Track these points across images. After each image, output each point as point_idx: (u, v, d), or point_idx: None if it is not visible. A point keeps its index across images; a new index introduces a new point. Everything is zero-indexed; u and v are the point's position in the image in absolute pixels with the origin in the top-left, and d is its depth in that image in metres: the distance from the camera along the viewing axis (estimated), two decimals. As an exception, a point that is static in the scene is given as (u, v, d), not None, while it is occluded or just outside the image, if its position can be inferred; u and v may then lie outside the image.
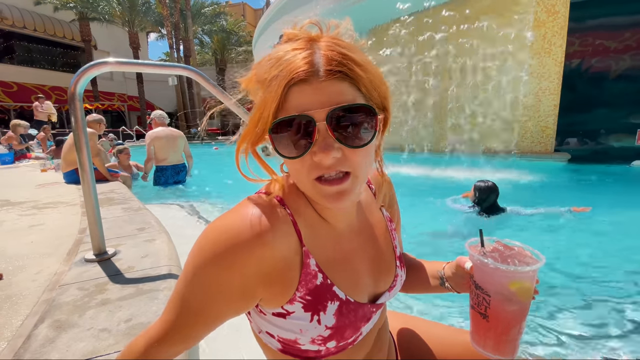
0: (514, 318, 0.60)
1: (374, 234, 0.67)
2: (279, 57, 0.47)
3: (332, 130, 0.46)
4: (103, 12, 22.21)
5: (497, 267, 0.58)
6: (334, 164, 0.47)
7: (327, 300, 0.54)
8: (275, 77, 0.46)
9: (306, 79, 0.45)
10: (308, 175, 0.49)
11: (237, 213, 0.51)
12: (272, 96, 0.46)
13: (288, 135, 0.47)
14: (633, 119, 6.84)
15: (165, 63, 2.09)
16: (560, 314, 1.74)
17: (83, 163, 1.66)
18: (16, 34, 23.14)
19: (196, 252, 0.50)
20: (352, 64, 0.46)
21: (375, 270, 0.64)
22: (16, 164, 7.40)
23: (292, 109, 0.46)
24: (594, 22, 6.91)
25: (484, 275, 0.61)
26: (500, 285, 0.59)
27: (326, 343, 0.55)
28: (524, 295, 0.59)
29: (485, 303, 0.62)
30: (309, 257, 0.53)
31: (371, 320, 0.61)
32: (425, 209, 3.81)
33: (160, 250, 1.81)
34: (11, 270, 1.64)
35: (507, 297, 0.59)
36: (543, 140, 6.58)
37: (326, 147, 0.46)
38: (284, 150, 0.48)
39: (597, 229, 2.98)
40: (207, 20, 28.67)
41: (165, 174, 5.11)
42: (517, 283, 0.58)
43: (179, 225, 3.05)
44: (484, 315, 0.62)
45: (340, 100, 0.45)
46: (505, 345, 0.61)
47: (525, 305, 0.60)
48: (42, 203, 3.21)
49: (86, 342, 1.03)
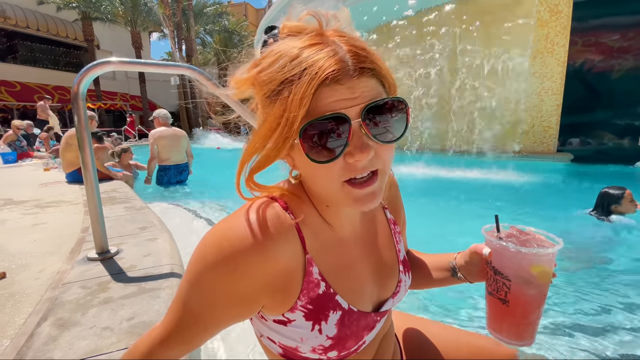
0: (534, 301, 0.60)
1: (377, 238, 0.65)
2: (295, 55, 0.44)
3: (367, 127, 0.44)
4: (106, 12, 22.28)
5: (519, 250, 0.58)
6: (367, 164, 0.46)
7: (329, 309, 0.52)
8: (295, 76, 0.43)
9: (339, 78, 0.42)
10: (339, 179, 0.46)
11: (239, 218, 0.49)
12: (300, 98, 0.42)
13: (319, 138, 0.44)
14: (636, 119, 6.80)
15: (168, 63, 2.10)
16: (569, 315, 1.74)
17: (86, 162, 1.66)
18: (19, 33, 23.23)
19: (197, 258, 0.49)
20: (375, 59, 0.46)
21: (379, 276, 0.63)
22: (19, 162, 7.44)
23: (321, 109, 0.43)
24: (597, 21, 6.87)
25: (503, 259, 0.61)
26: (521, 269, 0.59)
27: (327, 353, 0.54)
28: (544, 278, 0.59)
29: (505, 288, 0.61)
30: (312, 265, 0.52)
31: (375, 329, 0.60)
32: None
33: (162, 249, 1.81)
34: (14, 269, 1.65)
35: (528, 281, 0.59)
36: (545, 140, 6.56)
37: (363, 146, 0.44)
38: (315, 155, 0.45)
39: (601, 229, 2.95)
40: (209, 20, 28.72)
41: (168, 174, 5.11)
42: (538, 266, 0.58)
43: (181, 224, 3.05)
44: (503, 301, 0.62)
45: (372, 96, 0.44)
46: (525, 330, 0.61)
47: (544, 288, 0.60)
48: (45, 202, 3.22)
49: (89, 340, 1.04)
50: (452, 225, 3.21)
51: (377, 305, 0.62)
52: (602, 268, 2.30)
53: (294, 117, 0.43)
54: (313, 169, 0.48)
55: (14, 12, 21.95)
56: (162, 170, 5.10)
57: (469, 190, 4.44)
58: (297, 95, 0.42)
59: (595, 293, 1.95)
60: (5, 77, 21.35)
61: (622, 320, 1.69)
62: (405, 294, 0.68)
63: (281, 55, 0.45)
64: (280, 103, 0.44)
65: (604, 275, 2.18)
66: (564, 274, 2.16)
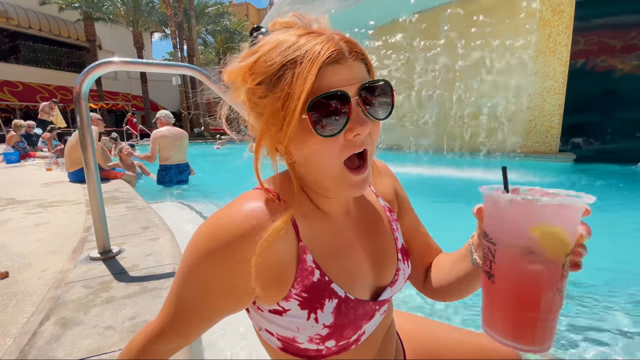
0: (533, 282, 0.40)
1: (373, 225, 0.65)
2: (294, 41, 0.47)
3: (363, 104, 0.48)
4: (107, 12, 22.37)
5: (512, 199, 0.40)
6: (365, 140, 0.50)
7: (324, 297, 0.52)
8: (299, 58, 0.46)
9: (338, 59, 0.47)
10: (339, 157, 0.49)
11: (231, 209, 0.51)
12: (305, 77, 0.45)
13: (323, 114, 0.47)
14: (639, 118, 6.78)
15: (169, 62, 2.10)
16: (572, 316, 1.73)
17: (88, 162, 1.67)
18: (22, 33, 23.37)
19: (190, 248, 0.50)
20: (363, 49, 0.52)
21: (375, 263, 0.62)
22: (22, 162, 7.47)
23: (325, 87, 0.46)
24: (600, 21, 6.85)
25: (491, 216, 0.45)
26: (514, 229, 0.41)
27: (324, 342, 0.53)
28: (555, 247, 0.39)
29: (490, 256, 0.44)
30: (305, 253, 0.52)
31: (374, 318, 0.59)
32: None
33: (164, 249, 1.82)
34: (17, 268, 1.66)
35: (525, 247, 0.40)
36: (548, 140, 6.53)
37: (362, 120, 0.48)
38: (321, 129, 0.47)
39: (602, 230, 2.95)
40: (210, 20, 28.78)
41: (169, 173, 5.12)
42: (542, 226, 0.39)
43: (183, 224, 3.06)
44: (488, 274, 0.44)
45: (364, 78, 0.49)
46: (525, 326, 0.41)
47: (554, 265, 0.39)
48: (48, 202, 3.24)
49: (91, 340, 1.04)
50: (452, 225, 3.20)
51: (375, 294, 0.62)
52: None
53: (300, 94, 0.45)
54: (313, 151, 0.49)
55: (16, 12, 22.06)
56: (163, 169, 5.11)
57: (470, 191, 4.43)
58: (301, 75, 0.45)
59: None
60: (8, 77, 21.47)
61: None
62: (404, 283, 0.66)
63: (280, 42, 0.48)
64: (283, 86, 0.47)
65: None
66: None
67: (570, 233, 0.40)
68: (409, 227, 0.74)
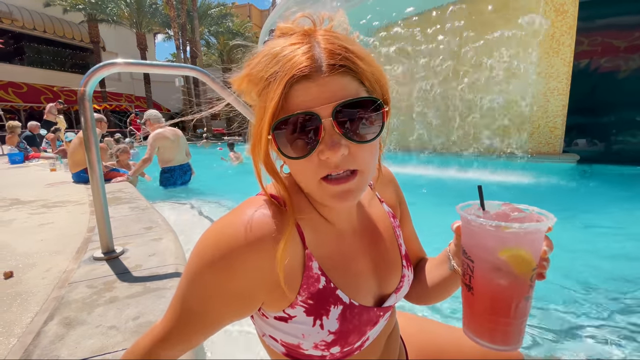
0: (505, 294, 0.47)
1: (377, 232, 0.65)
2: (275, 54, 0.45)
3: (338, 126, 0.44)
4: (111, 14, 22.52)
5: (482, 224, 0.46)
6: (342, 162, 0.45)
7: (329, 304, 0.52)
8: (274, 74, 0.44)
9: (309, 75, 0.43)
10: (314, 176, 0.47)
11: (237, 215, 0.50)
12: (272, 95, 0.43)
13: (292, 135, 0.45)
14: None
15: (173, 64, 2.11)
16: (569, 316, 1.72)
17: (92, 162, 1.68)
18: (26, 35, 23.54)
19: (194, 256, 0.49)
20: (354, 57, 0.45)
21: (380, 270, 0.62)
22: (26, 163, 7.52)
23: (294, 107, 0.44)
24: (603, 21, 6.81)
25: (468, 236, 0.51)
26: (487, 251, 0.47)
27: (329, 348, 0.53)
28: (520, 266, 0.46)
29: (469, 271, 0.50)
30: (311, 260, 0.52)
31: (378, 325, 0.59)
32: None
33: (167, 249, 1.82)
34: (21, 268, 1.67)
35: (496, 266, 0.47)
36: (551, 140, 6.49)
37: (333, 144, 0.44)
38: (288, 151, 0.46)
39: (605, 231, 2.93)
40: (213, 21, 28.88)
41: (174, 175, 4.92)
42: (509, 250, 0.46)
43: (186, 224, 3.07)
44: (468, 287, 0.51)
45: (345, 95, 0.44)
46: (497, 329, 0.49)
47: (522, 280, 0.46)
48: (52, 202, 3.26)
49: (95, 339, 1.04)
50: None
51: (380, 300, 0.61)
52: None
53: (271, 113, 0.44)
54: (294, 165, 0.49)
55: (21, 14, 22.24)
56: (167, 172, 4.87)
57: (472, 191, 4.40)
58: (269, 93, 0.44)
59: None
60: (12, 78, 21.63)
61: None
62: (407, 289, 0.67)
63: (265, 54, 0.47)
64: (262, 100, 0.47)
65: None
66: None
67: (535, 252, 0.47)
68: (408, 234, 0.76)
